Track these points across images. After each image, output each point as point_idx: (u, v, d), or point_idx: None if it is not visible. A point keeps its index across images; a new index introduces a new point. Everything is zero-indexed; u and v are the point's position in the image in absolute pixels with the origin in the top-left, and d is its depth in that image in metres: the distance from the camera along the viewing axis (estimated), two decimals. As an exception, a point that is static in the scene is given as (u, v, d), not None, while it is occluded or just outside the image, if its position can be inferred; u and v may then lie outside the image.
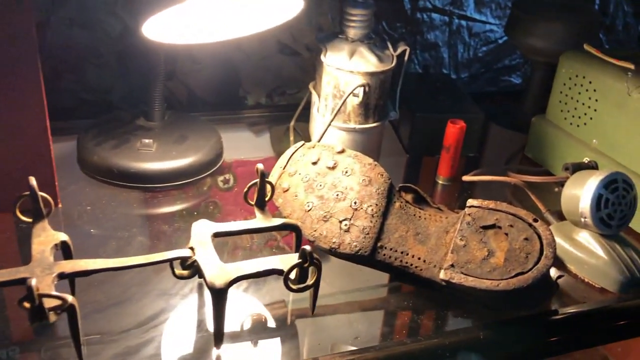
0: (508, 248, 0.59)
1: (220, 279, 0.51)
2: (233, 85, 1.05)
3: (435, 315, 0.62)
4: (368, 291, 0.67)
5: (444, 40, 1.21)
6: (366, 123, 0.80)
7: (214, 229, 0.58)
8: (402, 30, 1.16)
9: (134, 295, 0.60)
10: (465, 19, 1.21)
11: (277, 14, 0.75)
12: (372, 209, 0.65)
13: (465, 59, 1.24)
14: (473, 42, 1.25)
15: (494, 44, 1.25)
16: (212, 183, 0.82)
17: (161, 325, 0.57)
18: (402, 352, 0.54)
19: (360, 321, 0.62)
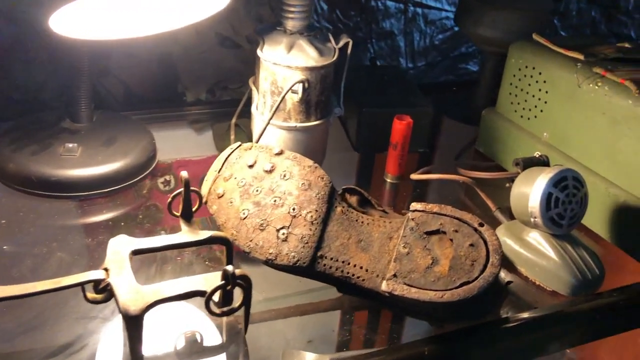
0: (453, 255, 0.56)
1: (136, 304, 0.46)
2: (171, 81, 0.99)
3: (379, 328, 0.59)
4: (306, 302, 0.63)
5: (400, 28, 1.19)
6: (308, 121, 0.75)
7: (132, 246, 0.52)
8: (357, 18, 1.13)
9: (48, 320, 0.54)
10: (420, 6, 1.18)
11: (204, 6, 0.70)
12: (312, 215, 0.61)
13: (421, 47, 1.22)
14: (429, 30, 1.23)
15: (450, 32, 1.23)
16: (148, 185, 0.76)
17: (78, 354, 0.51)
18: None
19: (298, 339, 0.57)
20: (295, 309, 0.64)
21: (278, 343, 0.58)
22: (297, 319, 0.63)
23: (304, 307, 0.65)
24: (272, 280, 0.63)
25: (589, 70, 0.74)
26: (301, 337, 0.61)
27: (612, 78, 0.72)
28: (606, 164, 0.72)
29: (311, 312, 0.62)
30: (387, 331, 0.61)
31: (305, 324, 0.63)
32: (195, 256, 0.66)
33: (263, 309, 0.61)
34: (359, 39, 1.14)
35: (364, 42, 1.16)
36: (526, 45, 0.83)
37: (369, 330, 0.62)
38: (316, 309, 0.62)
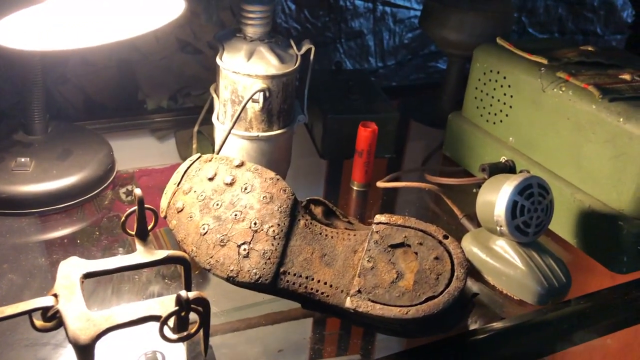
0: (418, 269, 0.54)
1: (86, 332, 0.44)
2: (131, 88, 0.96)
3: (343, 344, 0.57)
4: (276, 310, 0.61)
5: (369, 27, 1.18)
6: (270, 130, 0.73)
7: (84, 269, 0.50)
8: (326, 18, 1.12)
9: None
10: (389, 5, 1.18)
11: (162, 11, 0.68)
12: (274, 229, 0.59)
13: (391, 46, 1.22)
14: (398, 28, 1.22)
15: (420, 30, 1.22)
16: (110, 196, 0.74)
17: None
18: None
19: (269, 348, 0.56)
20: (265, 317, 0.62)
21: (248, 354, 0.56)
22: (267, 329, 0.62)
23: (274, 315, 0.63)
24: (238, 290, 0.61)
25: (553, 74, 0.74)
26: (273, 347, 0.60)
27: (575, 83, 0.71)
28: (571, 169, 0.72)
29: (282, 320, 0.60)
30: (359, 336, 0.60)
31: (276, 332, 0.62)
32: (155, 274, 0.63)
33: (230, 319, 0.60)
34: (328, 39, 1.13)
35: (333, 42, 1.15)
36: (490, 49, 0.82)
37: (341, 337, 0.61)
38: (287, 317, 0.61)
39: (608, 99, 0.68)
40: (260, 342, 0.59)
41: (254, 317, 0.62)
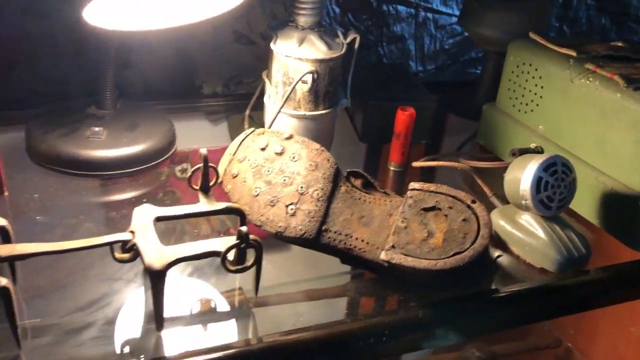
0: (447, 229, 0.61)
1: (159, 261, 0.52)
2: (189, 75, 1.05)
3: (378, 295, 0.63)
4: (314, 275, 0.68)
5: (410, 32, 1.22)
6: (316, 110, 0.81)
7: (156, 213, 0.58)
8: (368, 22, 1.16)
9: (77, 280, 0.60)
10: (431, 11, 1.22)
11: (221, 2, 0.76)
12: (318, 193, 0.66)
13: (431, 51, 1.25)
14: (439, 34, 1.26)
15: (460, 37, 1.26)
16: (167, 172, 0.82)
17: (103, 308, 0.57)
18: (342, 331, 0.55)
19: (305, 304, 0.62)
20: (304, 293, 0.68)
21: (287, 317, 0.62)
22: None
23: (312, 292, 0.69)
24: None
25: (581, 66, 0.79)
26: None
27: (602, 73, 0.76)
28: (596, 153, 0.77)
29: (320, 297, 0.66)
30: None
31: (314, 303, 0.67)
32: (211, 231, 0.71)
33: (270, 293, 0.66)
34: (370, 42, 1.18)
35: (375, 45, 1.20)
36: (524, 44, 0.88)
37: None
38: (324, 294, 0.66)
39: (632, 88, 0.73)
40: (285, 307, 0.64)
41: (284, 287, 0.67)
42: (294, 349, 0.53)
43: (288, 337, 0.53)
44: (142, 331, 0.55)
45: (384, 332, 0.55)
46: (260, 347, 0.52)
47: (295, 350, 0.53)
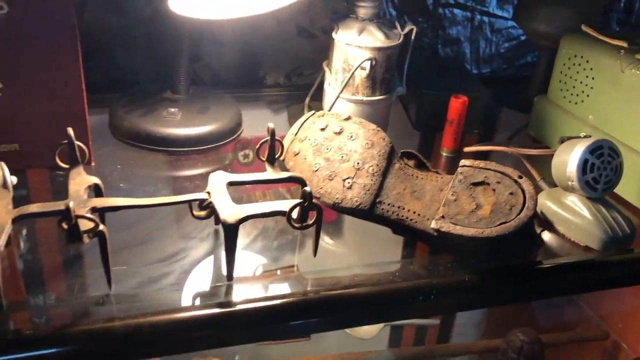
0: (494, 202, 0.65)
1: (232, 217, 0.58)
2: (253, 67, 1.12)
3: (426, 263, 0.68)
4: (369, 244, 0.73)
5: (466, 35, 1.24)
6: (373, 95, 0.86)
7: (229, 178, 0.65)
8: (424, 24, 1.20)
9: (157, 237, 0.67)
10: (487, 15, 1.24)
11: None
12: (373, 168, 0.72)
13: (487, 54, 1.27)
14: (495, 38, 1.27)
15: (516, 41, 1.27)
16: (230, 157, 0.89)
17: (180, 261, 0.64)
18: (394, 289, 0.60)
19: (360, 266, 0.68)
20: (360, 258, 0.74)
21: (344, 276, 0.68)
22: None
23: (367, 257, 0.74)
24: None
25: (632, 56, 0.81)
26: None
27: (652, 63, 0.79)
28: (645, 141, 0.79)
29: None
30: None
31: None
32: (276, 198, 0.77)
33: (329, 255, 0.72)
34: (424, 45, 1.21)
35: (430, 47, 1.24)
36: (576, 36, 0.91)
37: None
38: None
39: (682, 77, 0.75)
40: (341, 269, 0.69)
41: (342, 253, 0.73)
42: (350, 302, 0.58)
43: (345, 291, 0.59)
44: (214, 280, 0.61)
45: (432, 292, 0.60)
46: (319, 298, 0.58)
47: (351, 303, 0.58)
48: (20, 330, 0.51)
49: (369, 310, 0.59)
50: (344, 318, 0.59)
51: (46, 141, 0.73)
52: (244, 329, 0.56)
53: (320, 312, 0.57)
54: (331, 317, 0.58)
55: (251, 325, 0.56)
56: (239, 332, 0.56)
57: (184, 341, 0.54)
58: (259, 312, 0.56)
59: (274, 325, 0.56)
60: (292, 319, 0.57)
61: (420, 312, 0.60)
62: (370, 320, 0.65)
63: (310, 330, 0.72)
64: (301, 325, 0.57)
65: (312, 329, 0.64)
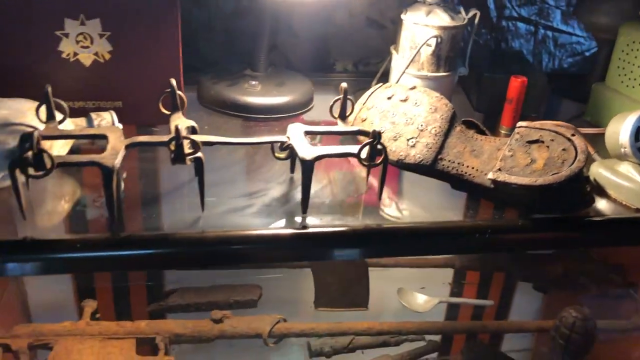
0: (548, 157, 0.70)
1: (309, 155, 0.66)
2: (324, 56, 1.21)
3: (484, 212, 0.74)
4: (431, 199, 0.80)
5: (529, 49, 1.25)
6: (437, 72, 0.93)
7: (305, 128, 0.73)
8: (487, 36, 1.22)
9: (242, 178, 0.76)
10: (551, 29, 1.25)
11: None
12: (436, 129, 0.78)
13: (549, 68, 1.27)
14: (558, 52, 1.27)
15: (581, 56, 1.27)
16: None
17: (261, 197, 0.72)
18: (454, 225, 0.67)
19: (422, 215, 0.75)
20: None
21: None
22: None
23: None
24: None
25: (688, 39, 0.85)
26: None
27: None
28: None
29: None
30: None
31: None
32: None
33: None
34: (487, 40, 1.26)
35: (494, 39, 1.27)
36: (633, 24, 0.95)
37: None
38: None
39: None
40: (404, 217, 0.77)
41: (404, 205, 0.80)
42: (413, 235, 0.65)
43: (407, 226, 0.66)
44: (290, 212, 0.69)
45: (487, 230, 0.66)
46: (383, 230, 0.65)
47: (414, 236, 0.65)
48: (132, 234, 0.60)
49: (430, 242, 0.65)
50: (405, 246, 0.65)
51: (145, 101, 0.84)
52: (313, 248, 0.63)
53: (382, 240, 0.64)
54: (393, 245, 0.65)
55: (320, 246, 0.63)
56: (309, 251, 0.64)
57: (263, 254, 0.62)
58: (327, 235, 0.63)
59: (346, 247, 0.64)
60: (356, 244, 0.64)
61: (475, 249, 0.65)
62: (429, 250, 0.71)
63: (370, 254, 0.78)
64: (365, 250, 0.65)
65: (370, 253, 0.71)
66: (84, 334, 0.99)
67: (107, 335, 0.99)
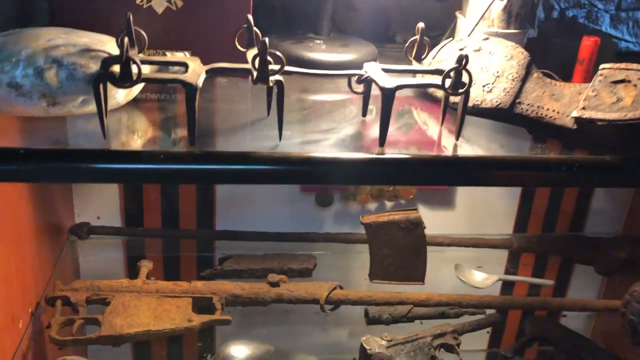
0: (636, 94, 0.68)
1: (390, 84, 0.65)
2: (384, 28, 1.20)
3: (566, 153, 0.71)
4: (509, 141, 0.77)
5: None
6: (508, 29, 0.92)
7: (382, 66, 0.72)
8: (535, 37, 1.22)
9: (318, 113, 0.76)
10: (600, 34, 1.21)
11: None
12: (513, 75, 0.76)
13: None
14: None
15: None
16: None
17: (335, 133, 0.71)
18: (540, 158, 0.64)
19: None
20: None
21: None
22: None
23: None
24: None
25: None
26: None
27: None
28: None
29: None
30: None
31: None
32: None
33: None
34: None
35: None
36: None
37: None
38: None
39: None
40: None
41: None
42: (501, 165, 0.63)
43: (495, 156, 0.64)
44: (367, 147, 0.68)
45: (574, 164, 0.63)
46: (450, 159, 0.63)
47: (503, 167, 0.63)
48: (211, 150, 0.60)
49: (518, 174, 0.64)
50: (494, 177, 0.64)
51: (215, 50, 0.84)
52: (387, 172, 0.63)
53: (462, 167, 0.63)
54: (475, 174, 0.63)
55: (393, 171, 0.62)
56: (383, 175, 0.63)
57: (339, 174, 0.62)
58: (400, 162, 0.62)
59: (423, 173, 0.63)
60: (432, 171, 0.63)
61: (561, 182, 0.63)
62: (518, 181, 0.69)
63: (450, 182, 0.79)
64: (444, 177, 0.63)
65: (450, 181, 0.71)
66: (140, 291, 0.98)
67: (164, 293, 0.98)
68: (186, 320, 0.93)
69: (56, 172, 0.58)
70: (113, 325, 0.91)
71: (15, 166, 0.56)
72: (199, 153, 0.59)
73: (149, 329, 0.91)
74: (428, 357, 0.91)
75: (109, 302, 0.96)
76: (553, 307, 1.04)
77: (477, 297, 1.05)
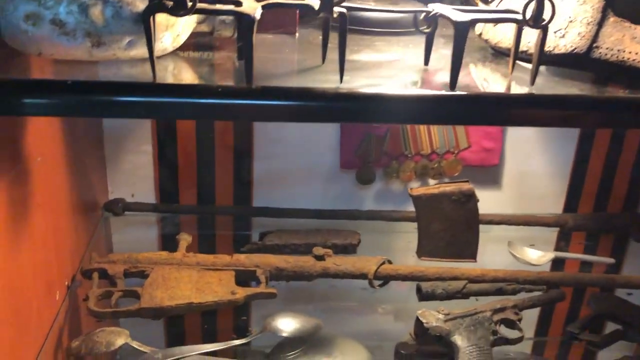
0: None
1: (464, 18, 0.59)
2: None
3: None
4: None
5: None
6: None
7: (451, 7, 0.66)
8: None
9: (375, 65, 0.71)
10: None
11: None
12: (588, 19, 0.70)
13: None
14: None
15: None
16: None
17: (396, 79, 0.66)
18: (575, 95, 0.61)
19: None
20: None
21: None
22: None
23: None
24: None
25: None
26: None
27: None
28: None
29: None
30: None
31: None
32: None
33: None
34: None
35: None
36: None
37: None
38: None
39: None
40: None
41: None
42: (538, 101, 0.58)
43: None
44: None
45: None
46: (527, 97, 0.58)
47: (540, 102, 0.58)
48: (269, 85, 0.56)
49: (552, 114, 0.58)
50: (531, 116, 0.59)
51: None
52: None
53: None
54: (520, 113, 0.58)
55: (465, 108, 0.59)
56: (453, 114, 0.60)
57: (385, 112, 0.58)
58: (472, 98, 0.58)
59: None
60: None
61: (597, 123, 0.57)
62: (551, 122, 0.64)
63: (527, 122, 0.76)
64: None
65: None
66: (181, 263, 0.93)
67: (205, 266, 0.93)
68: (229, 293, 0.88)
69: (108, 106, 0.54)
70: (153, 298, 0.86)
71: (65, 99, 0.52)
72: (259, 87, 0.54)
73: (191, 302, 0.86)
74: (489, 332, 0.85)
75: (147, 275, 0.91)
76: (620, 284, 0.98)
77: (535, 274, 0.99)
